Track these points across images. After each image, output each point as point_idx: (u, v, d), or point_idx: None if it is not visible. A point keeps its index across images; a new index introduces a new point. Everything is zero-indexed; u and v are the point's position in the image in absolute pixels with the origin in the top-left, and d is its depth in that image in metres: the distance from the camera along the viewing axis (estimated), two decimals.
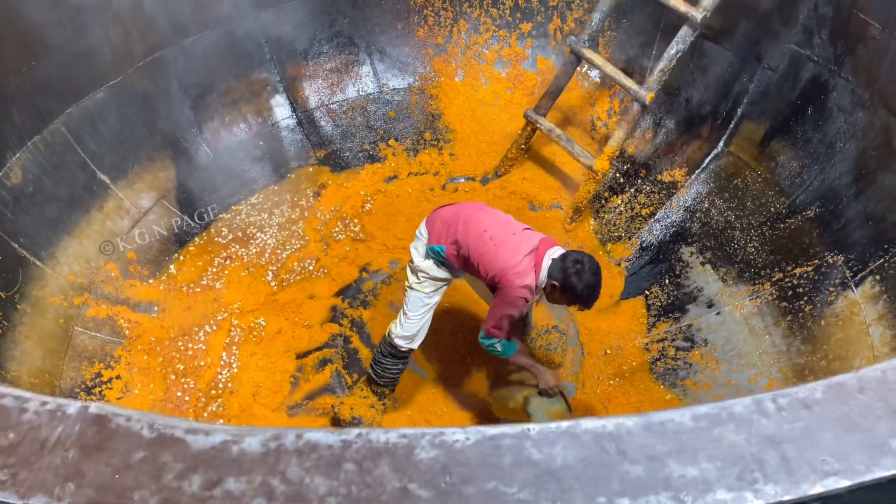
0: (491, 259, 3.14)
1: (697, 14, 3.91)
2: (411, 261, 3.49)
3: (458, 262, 3.33)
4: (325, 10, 5.04)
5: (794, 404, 0.88)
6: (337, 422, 3.73)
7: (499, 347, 3.31)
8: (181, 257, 4.40)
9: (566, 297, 3.12)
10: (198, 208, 4.60)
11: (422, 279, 3.46)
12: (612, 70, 4.40)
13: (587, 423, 0.87)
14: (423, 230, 3.46)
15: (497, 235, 3.18)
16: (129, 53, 4.17)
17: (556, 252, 3.15)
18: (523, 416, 3.49)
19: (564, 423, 0.86)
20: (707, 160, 4.71)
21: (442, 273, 3.45)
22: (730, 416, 0.88)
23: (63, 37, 3.74)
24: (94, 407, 0.89)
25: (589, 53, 4.46)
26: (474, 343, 3.88)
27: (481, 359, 4.07)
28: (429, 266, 3.43)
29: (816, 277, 3.86)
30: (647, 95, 4.18)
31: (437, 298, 3.55)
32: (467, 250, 3.23)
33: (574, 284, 3.02)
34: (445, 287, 3.57)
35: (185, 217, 4.51)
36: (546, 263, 3.11)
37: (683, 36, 4.00)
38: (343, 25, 5.15)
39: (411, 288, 3.50)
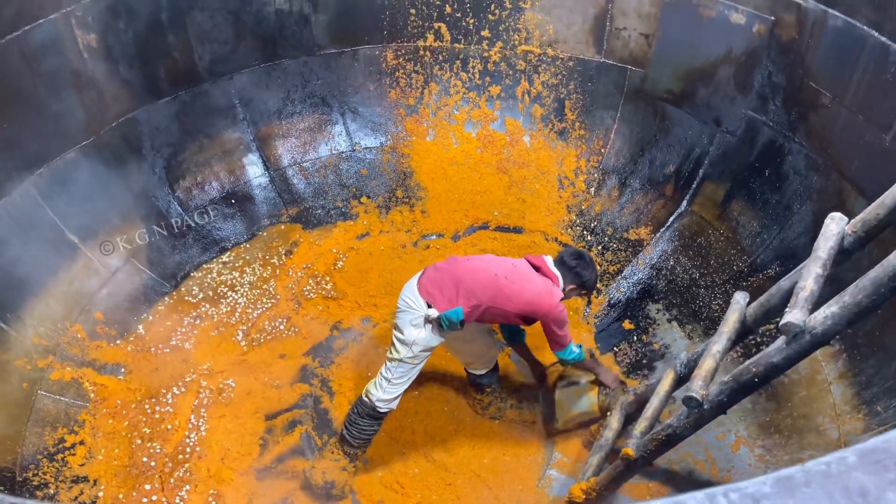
0: (518, 294, 3.29)
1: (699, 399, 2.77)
2: (400, 333, 3.40)
3: (471, 317, 3.33)
4: (299, 72, 5.14)
5: (745, 499, 0.92)
6: (309, 487, 3.67)
7: (576, 350, 3.54)
8: (150, 317, 4.36)
9: (579, 291, 3.53)
10: (168, 267, 4.59)
11: (416, 352, 3.40)
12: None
13: None
14: (414, 300, 3.34)
15: (508, 273, 3.33)
16: (102, 115, 4.21)
17: (549, 262, 3.45)
18: (593, 413, 3.91)
19: None
20: (671, 219, 4.84)
21: (436, 340, 3.41)
22: None
23: (36, 100, 3.77)
24: None
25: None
26: (440, 398, 3.89)
27: (448, 417, 4.06)
28: (423, 337, 3.36)
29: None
30: (624, 450, 3.18)
31: (421, 366, 3.54)
32: (487, 298, 3.29)
33: (588, 278, 3.48)
34: (430, 354, 3.55)
35: (155, 276, 4.49)
36: (557, 274, 3.41)
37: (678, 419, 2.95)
38: (316, 86, 5.25)
39: (401, 361, 3.43)
